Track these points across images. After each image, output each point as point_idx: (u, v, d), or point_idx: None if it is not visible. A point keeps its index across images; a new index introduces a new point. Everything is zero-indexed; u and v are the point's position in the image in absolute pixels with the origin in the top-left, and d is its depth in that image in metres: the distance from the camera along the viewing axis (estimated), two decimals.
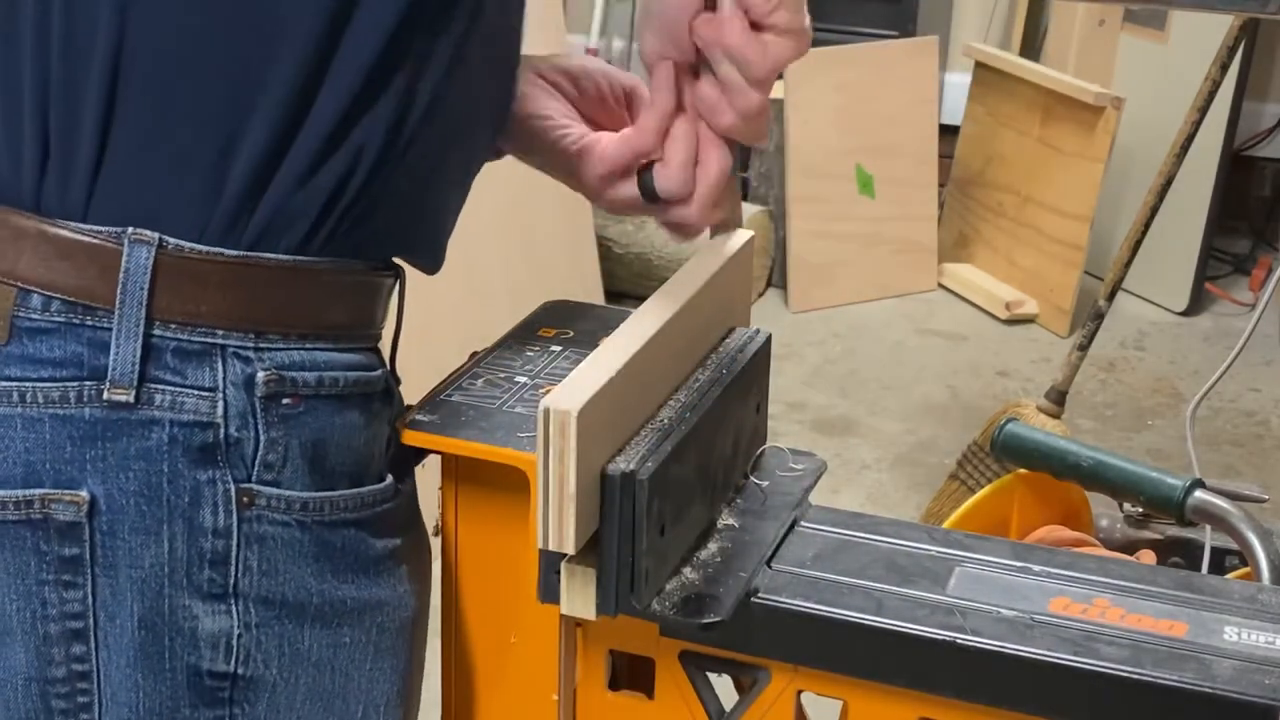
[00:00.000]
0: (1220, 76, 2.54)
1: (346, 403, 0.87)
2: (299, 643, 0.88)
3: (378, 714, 0.93)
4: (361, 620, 0.90)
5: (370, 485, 0.90)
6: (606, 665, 1.00)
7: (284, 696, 0.89)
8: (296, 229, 0.84)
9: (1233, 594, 0.96)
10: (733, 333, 1.06)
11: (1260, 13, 1.41)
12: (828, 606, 0.93)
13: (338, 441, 0.87)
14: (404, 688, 0.96)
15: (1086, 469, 1.44)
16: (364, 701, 0.92)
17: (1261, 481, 2.83)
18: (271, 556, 0.86)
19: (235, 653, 0.87)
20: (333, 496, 0.87)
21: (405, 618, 0.93)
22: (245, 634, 0.86)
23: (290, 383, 0.85)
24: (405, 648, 0.94)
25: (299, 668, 0.88)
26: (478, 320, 2.72)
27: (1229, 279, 3.93)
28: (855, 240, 3.76)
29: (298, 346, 0.85)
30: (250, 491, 0.84)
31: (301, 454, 0.86)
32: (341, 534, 0.88)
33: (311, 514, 0.86)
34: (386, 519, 0.91)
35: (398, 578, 0.92)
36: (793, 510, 1.02)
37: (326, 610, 0.88)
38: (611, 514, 0.88)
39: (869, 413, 3.26)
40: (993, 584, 0.96)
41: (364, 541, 0.89)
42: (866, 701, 0.94)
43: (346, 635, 0.90)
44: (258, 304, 0.83)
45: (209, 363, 0.83)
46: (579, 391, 0.85)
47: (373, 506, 0.90)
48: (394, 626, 0.92)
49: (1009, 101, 3.78)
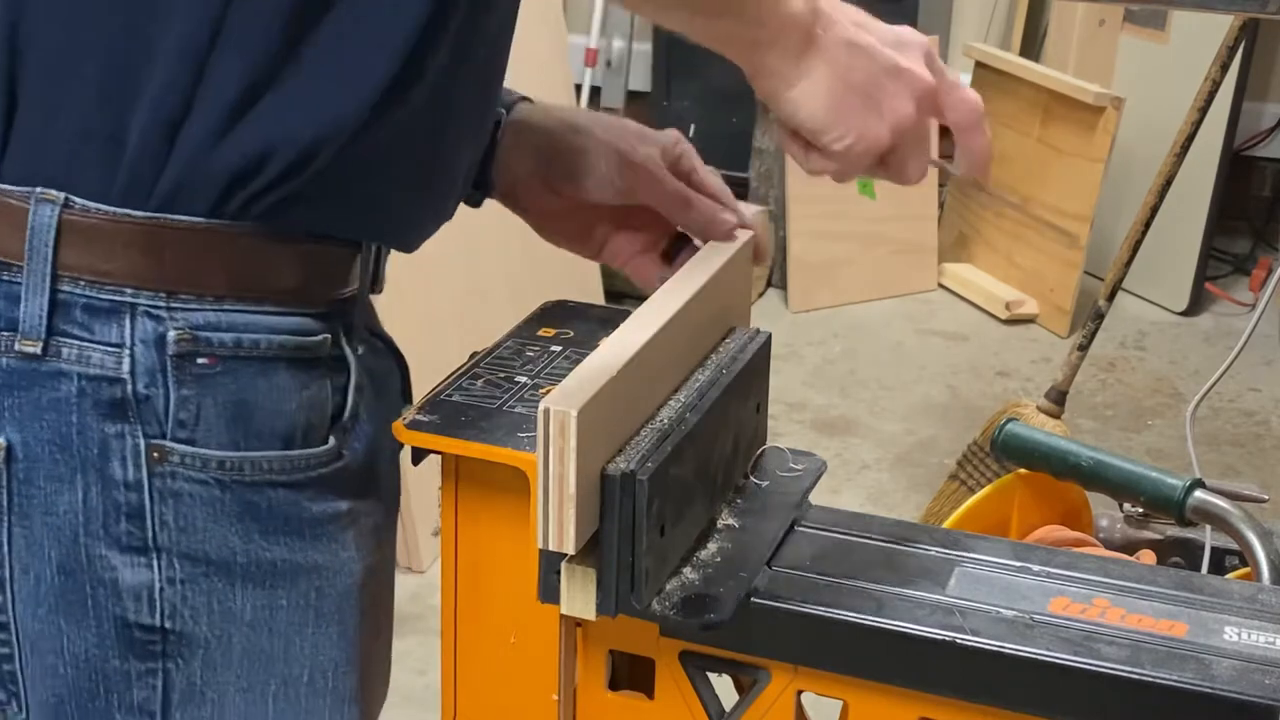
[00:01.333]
0: (1220, 76, 2.54)
1: (274, 365, 0.88)
2: (229, 601, 0.89)
3: (324, 679, 0.93)
4: (297, 583, 0.91)
5: (303, 449, 0.90)
6: (606, 665, 1.00)
7: (219, 655, 0.90)
8: (207, 194, 0.85)
9: (1233, 594, 0.96)
10: (733, 333, 1.06)
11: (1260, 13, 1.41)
12: (828, 607, 0.93)
13: (264, 404, 0.88)
14: (355, 655, 0.95)
15: (1086, 469, 1.44)
16: (309, 666, 0.92)
17: (1261, 481, 2.84)
18: (189, 513, 0.87)
19: (160, 607, 0.88)
20: (255, 457, 0.88)
21: (349, 584, 0.93)
22: (169, 588, 0.88)
23: (205, 343, 0.86)
24: (353, 614, 0.94)
25: (231, 626, 0.89)
26: (478, 320, 2.72)
27: (1229, 279, 3.93)
28: (855, 240, 3.76)
29: (214, 308, 0.86)
30: (162, 448, 0.86)
31: (220, 413, 0.87)
32: (268, 495, 0.89)
33: (230, 473, 0.87)
34: (327, 483, 0.91)
35: (340, 543, 0.92)
36: (793, 510, 1.02)
37: (255, 570, 0.89)
38: (611, 514, 0.88)
39: (869, 413, 3.26)
40: (993, 584, 0.96)
41: (296, 504, 0.90)
42: (866, 701, 0.94)
43: (282, 597, 0.90)
44: (169, 264, 0.85)
45: (118, 320, 0.85)
46: (579, 391, 0.85)
47: (307, 470, 0.90)
48: (335, 592, 0.92)
49: (1009, 101, 3.78)
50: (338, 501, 0.92)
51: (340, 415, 0.92)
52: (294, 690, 0.93)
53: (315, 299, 0.91)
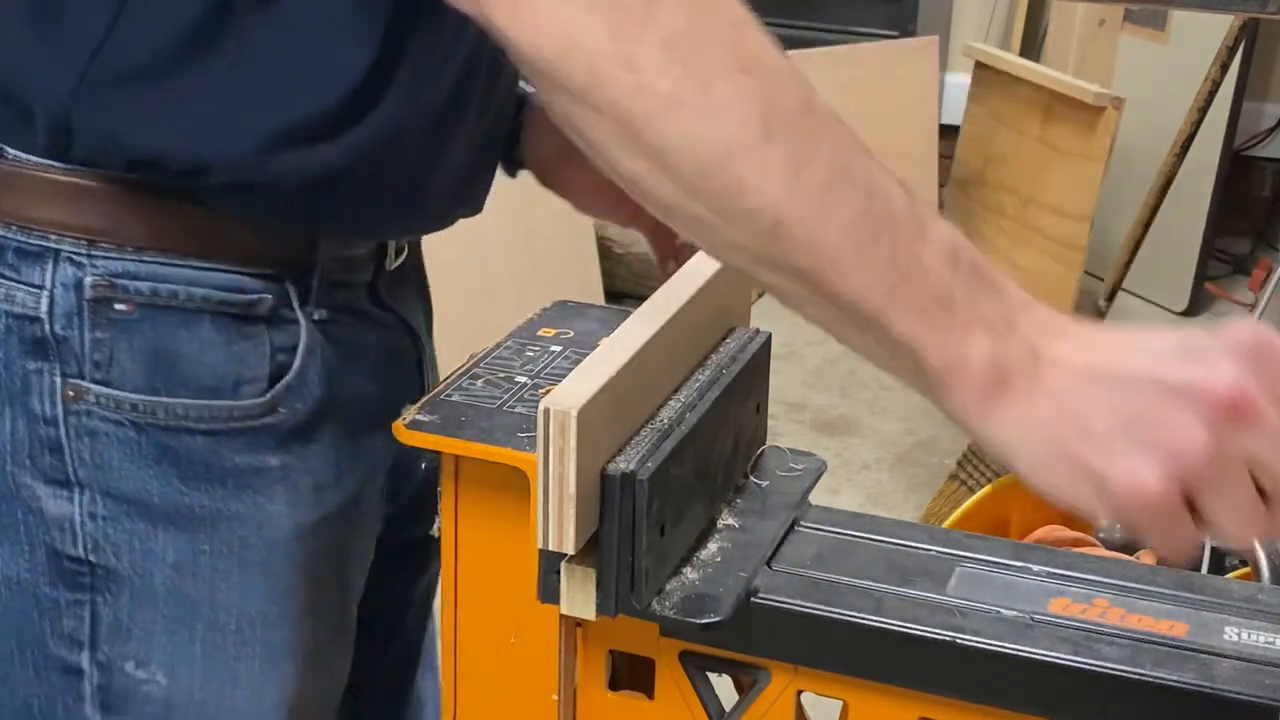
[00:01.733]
0: (1220, 76, 2.55)
1: (196, 317, 0.91)
2: (150, 541, 0.92)
3: (252, 629, 0.95)
4: (218, 530, 0.93)
5: (227, 400, 0.92)
6: (606, 665, 1.00)
7: (144, 593, 0.93)
8: (120, 152, 0.87)
9: (1233, 594, 0.96)
10: (733, 333, 1.06)
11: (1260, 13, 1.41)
12: (828, 606, 0.93)
13: (185, 353, 0.91)
14: (290, 609, 0.96)
15: None
16: (235, 614, 0.94)
17: None
18: (105, 452, 0.91)
19: (83, 540, 0.92)
20: (171, 403, 0.91)
21: (276, 538, 0.94)
22: (90, 523, 0.92)
23: (123, 290, 0.89)
24: (285, 568, 0.95)
25: (153, 566, 0.92)
26: (478, 320, 2.72)
27: (1229, 279, 3.93)
28: None
29: (134, 258, 0.90)
30: (78, 387, 0.90)
31: (136, 358, 0.90)
32: (186, 441, 0.91)
33: (144, 416, 0.90)
34: (254, 437, 0.93)
35: (266, 496, 0.94)
36: (793, 510, 1.02)
37: (175, 514, 0.92)
38: (611, 514, 0.88)
39: (869, 413, 3.26)
40: (993, 584, 0.96)
41: (217, 454, 0.92)
42: (866, 701, 0.94)
43: (204, 543, 0.93)
44: (90, 215, 0.89)
45: (41, 263, 0.90)
46: (579, 391, 0.85)
47: (230, 421, 0.92)
48: (261, 544, 0.94)
49: (1009, 101, 3.78)
50: (266, 456, 0.93)
51: (284, 374, 0.94)
52: (220, 636, 0.94)
53: (253, 260, 0.92)
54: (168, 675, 0.94)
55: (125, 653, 0.94)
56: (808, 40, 3.80)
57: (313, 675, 0.99)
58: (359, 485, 1.01)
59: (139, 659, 0.94)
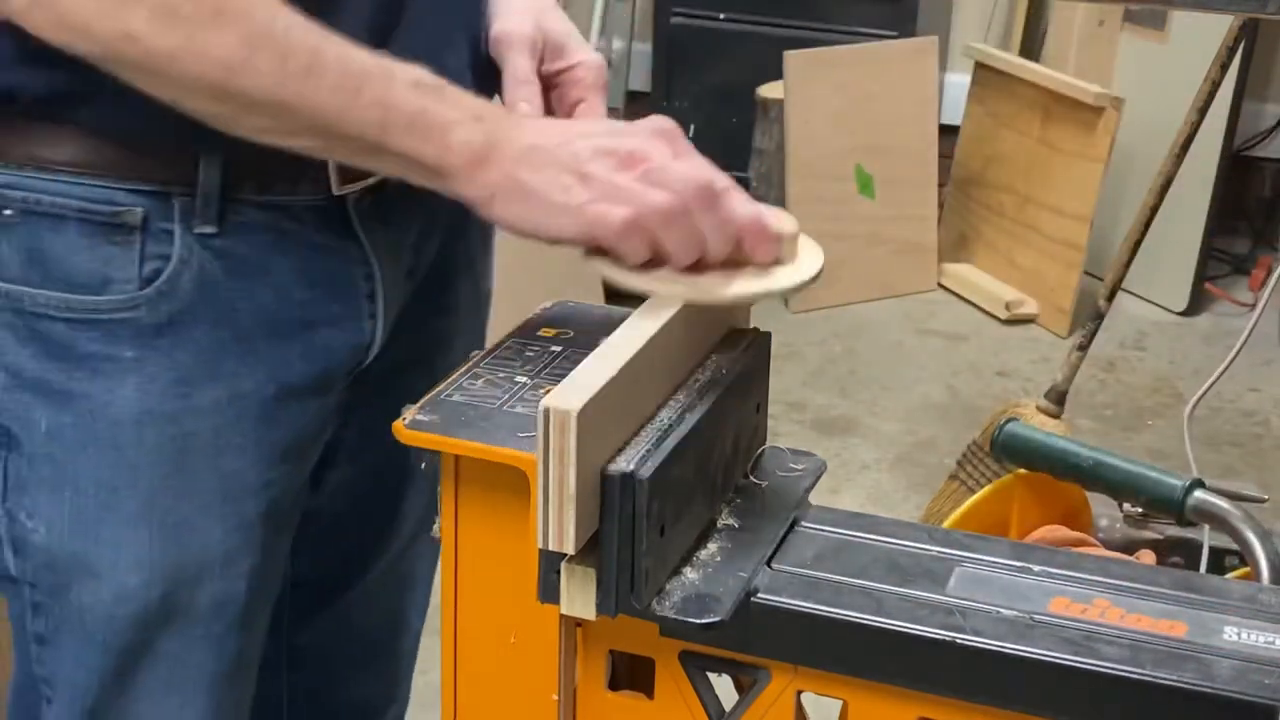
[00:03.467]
0: (1220, 76, 2.54)
1: (63, 223, 1.05)
2: (31, 410, 1.08)
3: (107, 495, 1.08)
4: (73, 405, 1.07)
5: (90, 295, 1.05)
6: (606, 665, 1.00)
7: (30, 455, 1.09)
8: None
9: (1233, 594, 0.96)
10: (733, 333, 1.06)
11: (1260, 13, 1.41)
12: (828, 606, 0.93)
13: (53, 252, 1.05)
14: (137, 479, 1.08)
15: (1086, 469, 1.44)
16: (92, 482, 1.08)
17: (1261, 481, 2.84)
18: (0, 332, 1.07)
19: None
20: (37, 294, 1.05)
21: (121, 417, 1.07)
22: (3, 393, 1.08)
23: (4, 199, 1.05)
24: (132, 445, 1.07)
25: (34, 432, 1.08)
26: None
27: (1229, 279, 3.93)
28: (855, 240, 3.76)
29: (14, 173, 1.05)
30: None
31: (14, 254, 1.05)
32: (48, 326, 1.06)
33: (14, 303, 1.06)
34: (110, 328, 1.06)
35: (115, 381, 1.06)
36: (793, 510, 1.02)
37: (44, 389, 1.07)
38: (611, 514, 0.88)
39: (869, 413, 3.26)
40: (993, 584, 0.96)
41: (74, 340, 1.06)
42: (866, 701, 0.94)
43: (66, 415, 1.07)
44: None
45: None
46: (579, 391, 0.85)
47: (85, 313, 1.05)
48: (107, 421, 1.07)
49: (1009, 101, 3.78)
50: (122, 348, 1.06)
51: (155, 279, 1.05)
52: (83, 500, 1.09)
53: (130, 175, 1.04)
54: (47, 528, 1.10)
55: (20, 503, 1.10)
56: (808, 40, 3.80)
57: (180, 542, 1.11)
58: (249, 385, 1.10)
59: (29, 511, 1.10)
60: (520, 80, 1.14)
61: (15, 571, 1.12)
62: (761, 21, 3.98)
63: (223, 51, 0.95)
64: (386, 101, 0.97)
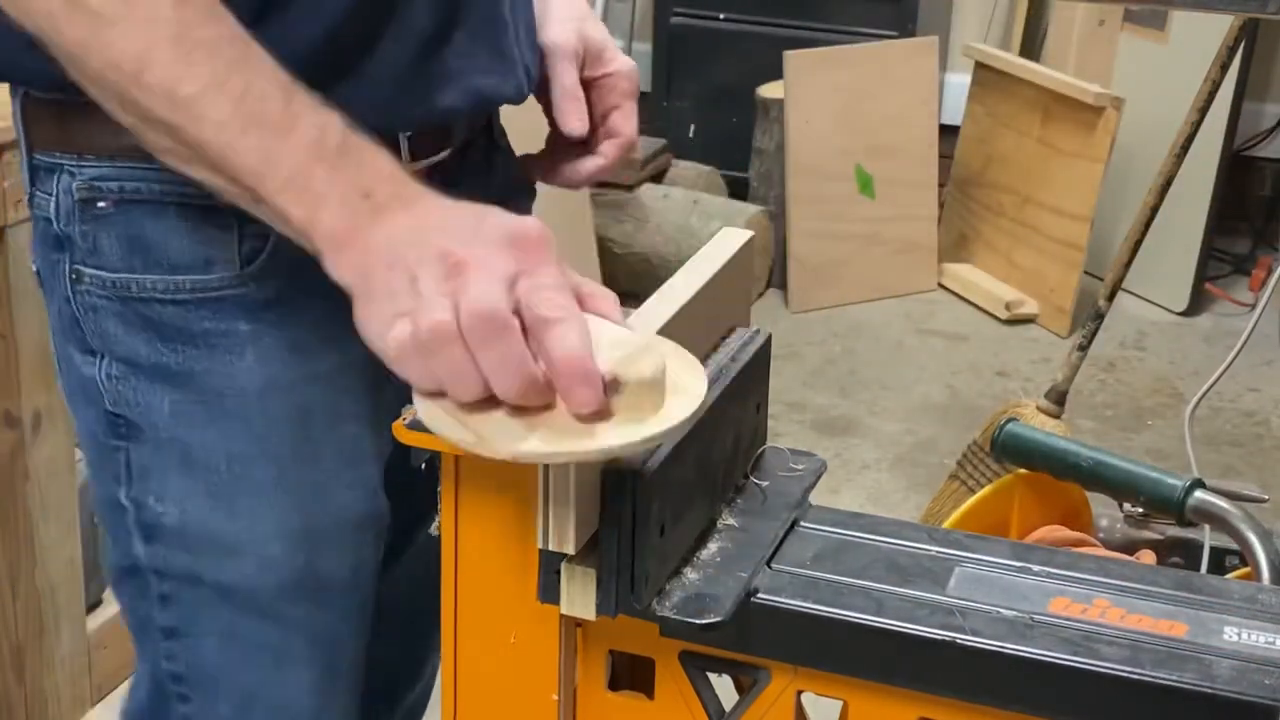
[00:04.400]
0: (1220, 76, 2.54)
1: (163, 209, 1.06)
2: (150, 396, 1.09)
3: (239, 467, 1.10)
4: (196, 383, 1.08)
5: (195, 275, 1.07)
6: (606, 665, 1.00)
7: (153, 440, 1.10)
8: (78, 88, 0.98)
9: (1233, 594, 0.96)
10: (733, 333, 1.06)
11: (1260, 13, 1.41)
12: (828, 606, 0.93)
13: (154, 238, 1.07)
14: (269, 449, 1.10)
15: (1086, 469, 1.44)
16: (223, 456, 1.10)
17: (1261, 481, 2.84)
18: (104, 322, 1.09)
19: (108, 396, 1.10)
20: (143, 279, 1.07)
21: (246, 388, 1.09)
22: (109, 383, 1.10)
23: (100, 191, 1.07)
24: (258, 414, 1.09)
25: (155, 416, 1.09)
26: None
27: (1229, 279, 3.93)
28: (855, 240, 3.76)
29: (108, 164, 1.07)
30: (80, 271, 1.09)
31: (114, 244, 1.07)
32: (158, 310, 1.08)
33: (122, 291, 1.08)
34: (220, 305, 1.08)
35: (235, 354, 1.08)
36: (793, 510, 1.02)
37: (161, 372, 1.09)
38: (611, 514, 0.88)
39: (869, 413, 3.26)
40: (993, 584, 0.96)
41: (185, 319, 1.08)
42: (866, 701, 0.94)
43: (191, 395, 1.09)
44: (74, 134, 1.07)
45: (53, 177, 1.09)
46: None
47: (194, 293, 1.07)
48: (233, 393, 1.09)
49: (1009, 101, 3.78)
50: (236, 323, 1.08)
51: (257, 257, 1.07)
52: (215, 476, 1.10)
53: None
54: (179, 508, 1.10)
55: (147, 489, 1.11)
56: (808, 40, 3.80)
57: (314, 509, 1.12)
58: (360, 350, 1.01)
59: (157, 495, 1.11)
60: (569, 94, 1.19)
61: (144, 560, 1.12)
62: (761, 21, 3.98)
63: (119, 54, 0.91)
64: (270, 151, 0.91)
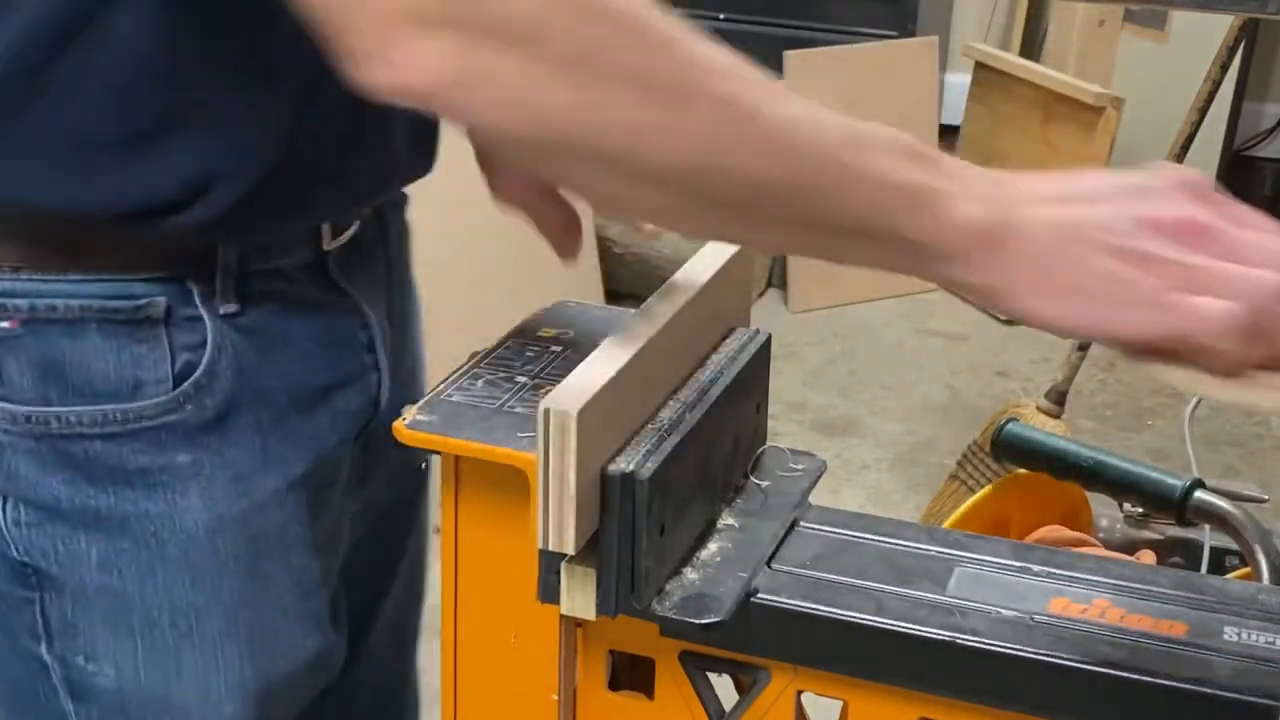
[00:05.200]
0: (1220, 76, 2.54)
1: (81, 326, 0.92)
2: (74, 544, 0.95)
3: (186, 620, 0.97)
4: (129, 529, 0.95)
5: (124, 404, 0.93)
6: (606, 665, 1.00)
7: (79, 593, 0.96)
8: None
9: (1233, 594, 0.96)
10: (733, 333, 1.06)
11: (1260, 13, 1.41)
12: (828, 606, 0.93)
13: (73, 362, 0.92)
14: (220, 598, 0.98)
15: (1086, 469, 1.44)
16: (166, 608, 0.97)
17: (1261, 481, 2.84)
18: (13, 462, 0.94)
19: (15, 545, 0.96)
20: (63, 412, 0.93)
21: (194, 531, 0.96)
22: (16, 530, 0.95)
23: (5, 309, 0.92)
24: (208, 560, 0.97)
25: (80, 567, 0.95)
26: (478, 320, 2.72)
27: None
28: None
29: (10, 278, 0.92)
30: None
31: (25, 371, 0.92)
32: (84, 447, 0.93)
33: (39, 427, 0.93)
34: (157, 435, 0.94)
35: (177, 492, 0.95)
36: (793, 510, 1.02)
37: (89, 518, 0.95)
38: (611, 514, 0.88)
39: (869, 413, 3.26)
40: (992, 584, 0.96)
41: (119, 456, 0.94)
42: (866, 701, 0.94)
43: (123, 542, 0.95)
44: None
45: None
46: (579, 391, 0.85)
47: (126, 424, 0.94)
48: (179, 539, 0.96)
49: (1009, 101, 3.78)
50: (175, 454, 0.95)
51: (191, 373, 0.95)
52: (158, 630, 0.97)
53: (142, 265, 0.93)
54: (115, 669, 0.98)
55: (75, 648, 0.98)
56: (808, 40, 3.80)
57: (265, 659, 1.01)
58: (299, 469, 1.01)
59: (87, 654, 0.97)
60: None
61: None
62: (761, 21, 3.98)
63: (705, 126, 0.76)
64: (874, 175, 0.80)
